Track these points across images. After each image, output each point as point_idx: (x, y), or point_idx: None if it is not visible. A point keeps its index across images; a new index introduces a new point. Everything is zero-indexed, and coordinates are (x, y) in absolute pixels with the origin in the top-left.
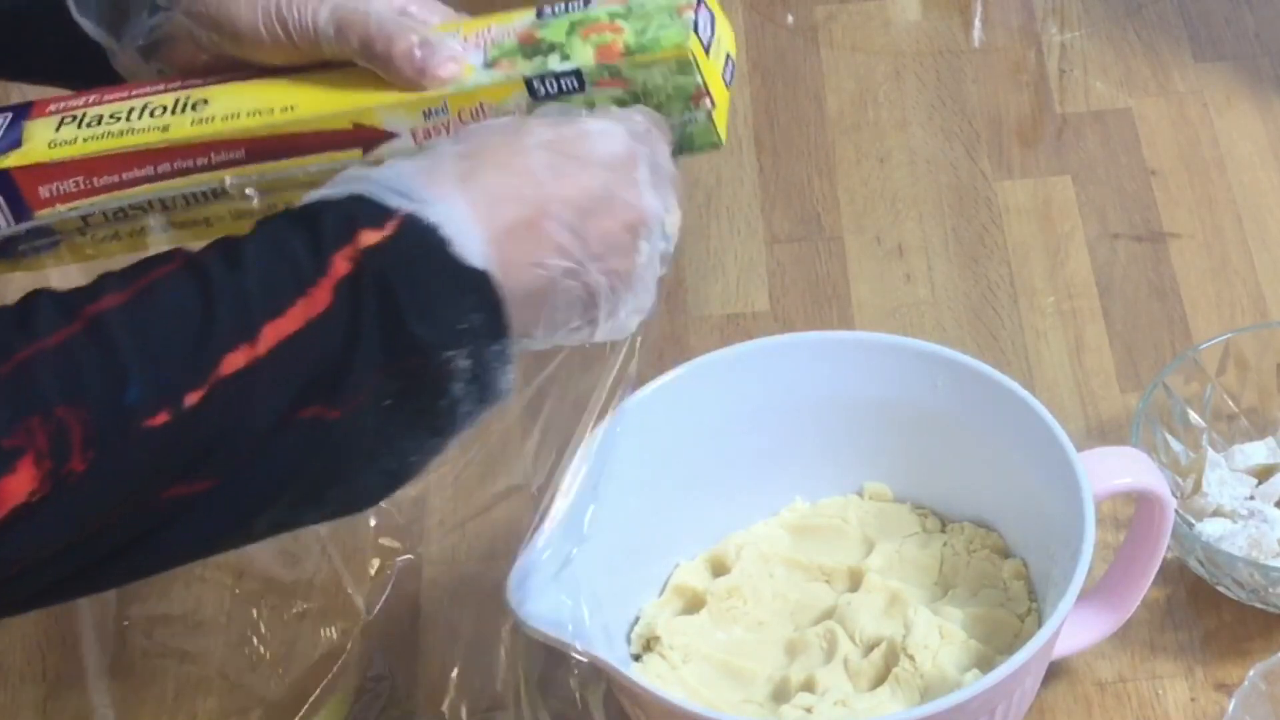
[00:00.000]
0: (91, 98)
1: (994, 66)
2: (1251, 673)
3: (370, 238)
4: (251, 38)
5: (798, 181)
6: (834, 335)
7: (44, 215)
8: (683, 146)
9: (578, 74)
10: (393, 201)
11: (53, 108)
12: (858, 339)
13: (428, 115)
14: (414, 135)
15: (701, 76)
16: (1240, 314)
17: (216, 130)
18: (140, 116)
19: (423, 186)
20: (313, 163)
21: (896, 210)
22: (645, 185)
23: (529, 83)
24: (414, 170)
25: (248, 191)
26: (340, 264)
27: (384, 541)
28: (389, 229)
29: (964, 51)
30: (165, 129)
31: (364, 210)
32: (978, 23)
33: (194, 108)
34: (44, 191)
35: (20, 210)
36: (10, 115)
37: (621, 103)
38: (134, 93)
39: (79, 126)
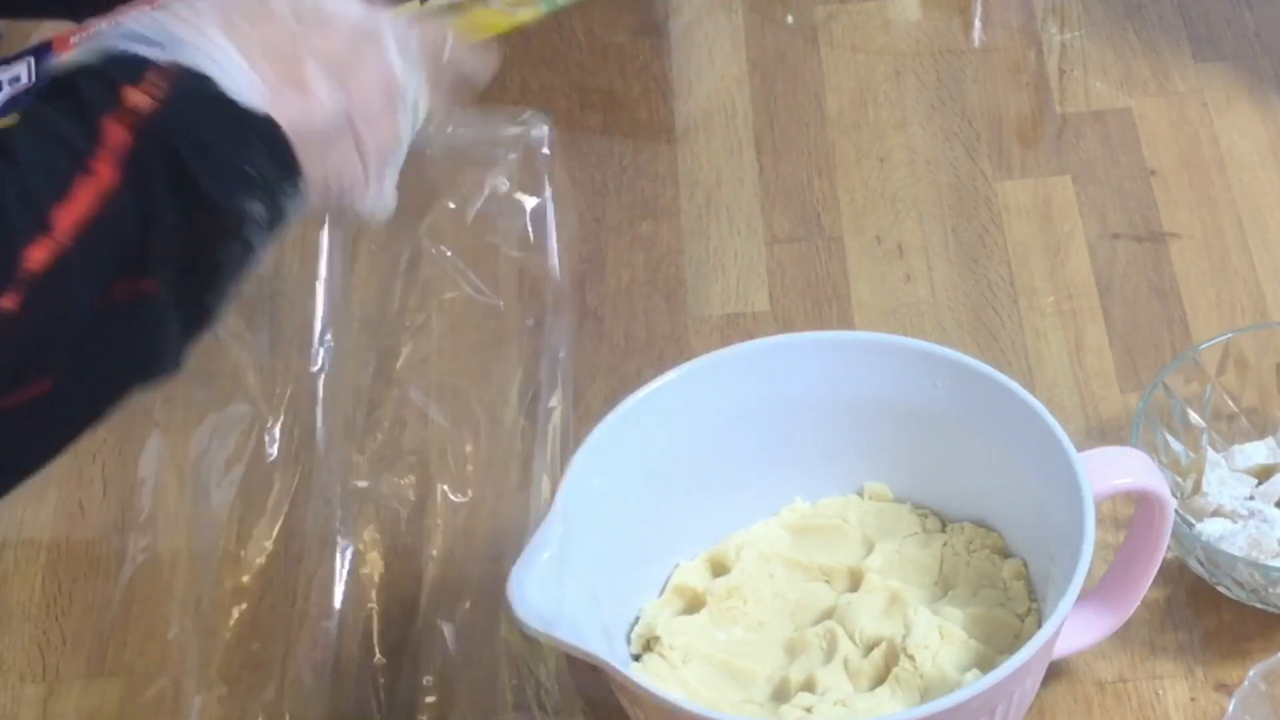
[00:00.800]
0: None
1: (994, 66)
2: (1251, 673)
3: (139, 98)
4: None
5: (798, 181)
6: (834, 335)
7: None
8: None
9: None
10: (150, 51)
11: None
12: (858, 339)
13: None
14: None
15: None
16: (1240, 314)
17: None
18: None
19: (182, 32)
20: None
21: (896, 210)
22: (393, 54)
23: None
24: (168, 17)
25: None
26: (115, 131)
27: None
28: (161, 86)
29: (964, 51)
30: None
31: (123, 69)
32: (978, 23)
33: None
34: None
35: None
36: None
37: None
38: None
39: None
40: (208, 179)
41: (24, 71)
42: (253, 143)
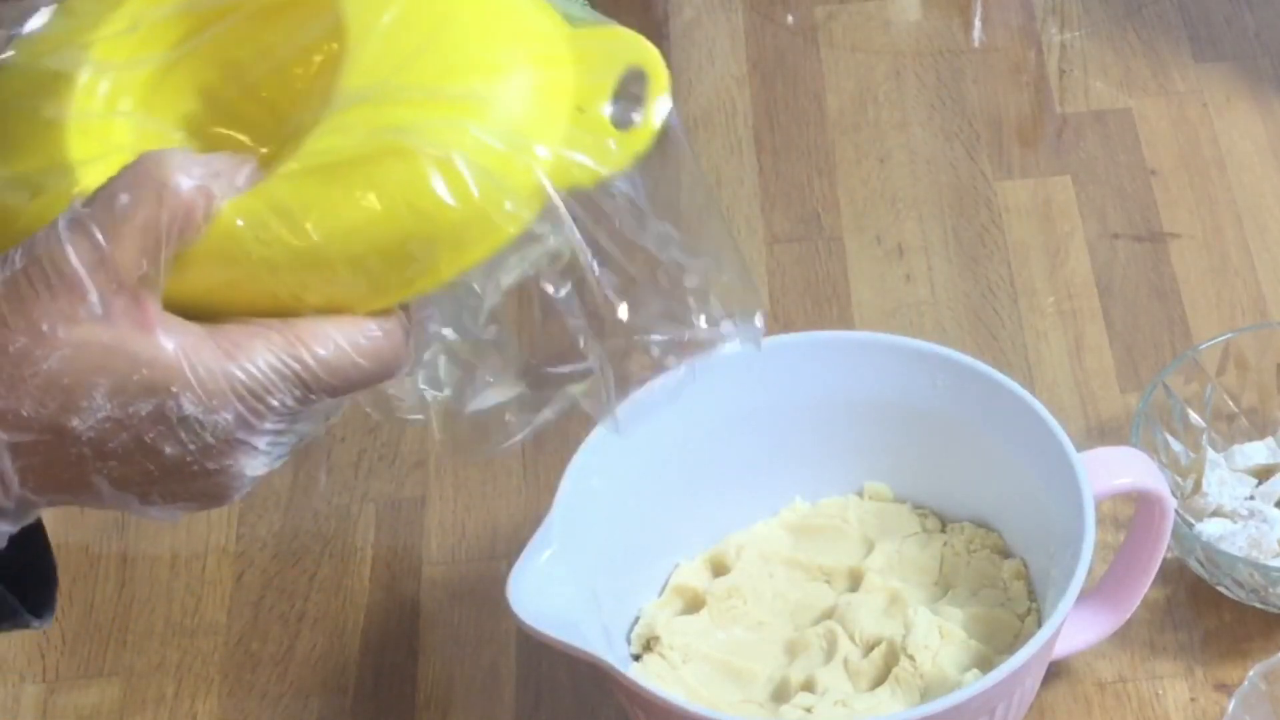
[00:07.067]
0: None
1: (994, 66)
2: (1251, 673)
3: None
4: None
5: (798, 181)
6: (834, 335)
7: None
8: None
9: None
10: None
11: None
12: (858, 339)
13: None
14: None
15: None
16: (1240, 314)
17: None
18: None
19: None
20: None
21: (896, 210)
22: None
23: None
24: None
25: None
26: None
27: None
28: None
29: (964, 51)
30: None
31: None
32: (978, 23)
33: None
34: None
35: None
36: None
37: None
38: None
39: None
40: None
41: None
42: None
